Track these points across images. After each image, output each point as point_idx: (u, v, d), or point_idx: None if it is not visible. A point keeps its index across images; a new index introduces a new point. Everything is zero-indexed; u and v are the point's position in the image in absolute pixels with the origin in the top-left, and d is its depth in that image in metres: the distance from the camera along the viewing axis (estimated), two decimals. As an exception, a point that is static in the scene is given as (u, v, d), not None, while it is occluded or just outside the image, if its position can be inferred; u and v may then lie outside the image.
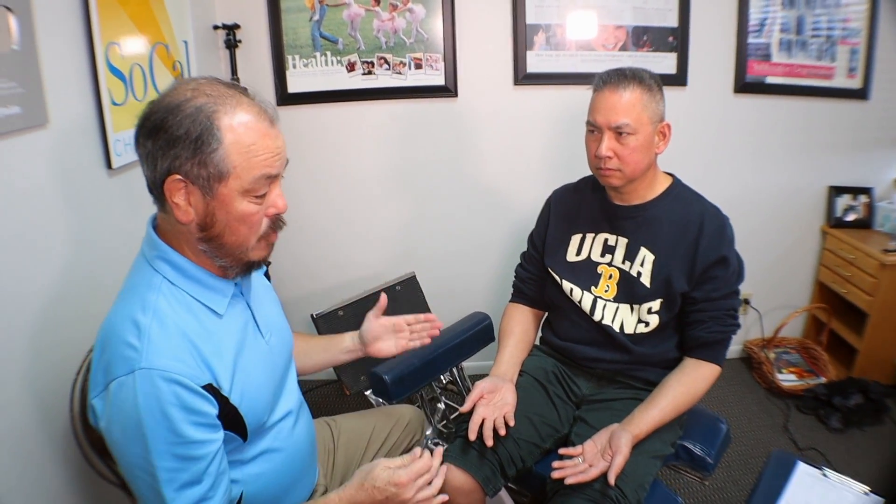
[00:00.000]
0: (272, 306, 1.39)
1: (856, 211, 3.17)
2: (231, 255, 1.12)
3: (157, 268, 1.11)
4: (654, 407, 1.59)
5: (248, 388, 1.16)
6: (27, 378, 1.38)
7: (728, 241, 1.67)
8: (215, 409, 1.07)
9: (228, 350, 1.14)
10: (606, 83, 1.63)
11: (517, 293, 1.99)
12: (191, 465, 1.04)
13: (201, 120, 1.01)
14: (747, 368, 3.31)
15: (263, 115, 1.08)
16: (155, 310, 1.05)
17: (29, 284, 1.38)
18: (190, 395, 1.02)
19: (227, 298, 1.17)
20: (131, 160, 1.81)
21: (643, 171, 1.67)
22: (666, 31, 2.86)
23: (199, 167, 1.02)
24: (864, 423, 2.78)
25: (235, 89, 1.07)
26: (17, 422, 1.34)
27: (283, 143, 1.11)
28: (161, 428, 1.01)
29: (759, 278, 3.23)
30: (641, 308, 1.70)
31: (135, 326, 1.03)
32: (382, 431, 1.72)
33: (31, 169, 1.40)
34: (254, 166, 1.05)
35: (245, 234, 1.10)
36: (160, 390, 0.99)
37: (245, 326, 1.22)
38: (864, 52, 2.98)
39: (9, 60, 1.31)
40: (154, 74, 1.96)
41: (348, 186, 2.98)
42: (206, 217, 1.06)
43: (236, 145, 1.03)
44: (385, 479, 1.16)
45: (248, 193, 1.06)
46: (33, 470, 1.39)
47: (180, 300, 1.10)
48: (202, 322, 1.11)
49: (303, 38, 2.77)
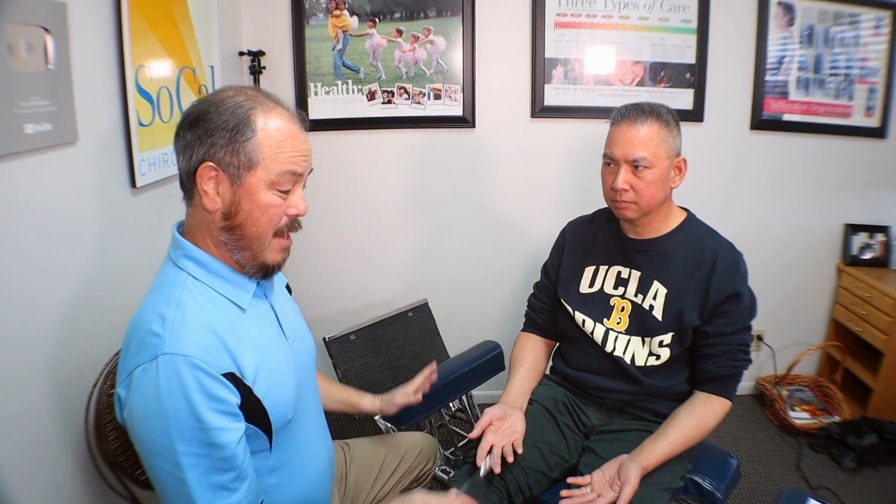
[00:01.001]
0: (296, 315, 1.42)
1: (872, 249, 3.16)
2: (249, 248, 1.16)
3: (181, 266, 1.16)
4: (664, 439, 1.59)
5: (273, 382, 1.18)
6: (46, 390, 1.40)
7: (741, 277, 1.67)
8: (237, 399, 1.09)
9: (253, 342, 1.17)
10: (625, 117, 1.65)
11: (529, 322, 2.00)
12: (213, 451, 1.06)
13: (239, 113, 1.11)
14: (759, 405, 3.28)
15: (294, 119, 1.17)
16: (179, 303, 1.10)
17: (51, 297, 1.41)
18: (211, 380, 1.05)
19: (249, 294, 1.21)
20: (155, 179, 1.85)
21: (658, 205, 1.69)
22: (684, 67, 2.90)
23: (231, 155, 1.10)
24: (878, 464, 2.74)
25: (271, 98, 1.17)
26: (35, 433, 1.36)
27: (310, 149, 1.19)
28: (183, 413, 1.03)
29: (773, 315, 3.21)
30: (653, 341, 1.71)
31: (159, 317, 1.07)
32: (395, 458, 1.72)
33: (59, 185, 1.43)
34: (281, 161, 1.12)
35: (264, 226, 1.15)
36: (182, 375, 1.02)
37: (269, 324, 1.26)
38: (882, 90, 3.00)
39: (44, 79, 1.35)
40: (181, 97, 2.01)
41: (364, 213, 3.01)
42: (232, 206, 1.13)
43: (267, 140, 1.12)
44: None
45: (273, 186, 1.13)
46: (47, 481, 1.40)
47: (205, 295, 1.15)
48: (227, 315, 1.16)
49: (325, 66, 2.83)
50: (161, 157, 1.88)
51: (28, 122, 1.29)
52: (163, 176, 1.90)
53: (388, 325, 2.59)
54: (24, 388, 1.32)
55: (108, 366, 1.48)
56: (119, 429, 1.46)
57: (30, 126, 1.29)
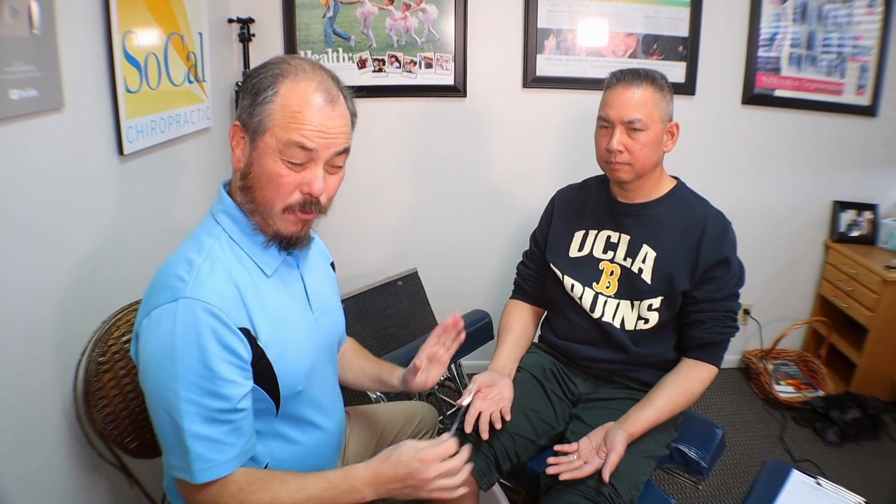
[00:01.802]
0: (330, 292, 1.43)
1: (860, 227, 3.18)
2: (259, 213, 1.17)
3: (219, 220, 1.19)
4: (650, 407, 1.61)
5: (286, 349, 1.19)
6: (33, 360, 1.39)
7: (731, 244, 1.69)
8: (248, 355, 1.11)
9: (272, 307, 1.18)
10: (620, 80, 1.67)
11: (518, 290, 2.01)
12: (215, 401, 1.07)
13: (268, 78, 1.12)
14: (745, 379, 3.32)
15: (324, 92, 1.13)
16: (209, 252, 1.13)
17: (37, 265, 1.39)
18: (227, 331, 1.07)
19: (277, 262, 1.22)
20: (143, 147, 1.83)
21: (651, 168, 1.70)
22: (676, 40, 2.88)
23: (250, 116, 1.12)
24: (860, 438, 2.79)
25: (320, 71, 1.16)
26: (23, 402, 1.35)
27: (337, 127, 1.15)
28: (193, 359, 1.04)
29: (761, 289, 3.25)
30: (642, 305, 1.72)
31: (187, 263, 1.10)
32: (395, 427, 1.73)
33: (45, 152, 1.41)
34: (291, 131, 1.10)
35: (271, 196, 1.14)
36: (199, 321, 1.04)
37: (294, 293, 1.27)
38: (874, 69, 3.00)
39: (29, 44, 1.32)
40: (169, 64, 1.98)
41: (355, 182, 2.98)
42: (248, 166, 1.15)
43: (283, 107, 1.10)
44: (410, 454, 1.15)
45: (280, 154, 1.11)
46: (35, 451, 1.39)
47: (235, 252, 1.17)
48: (252, 276, 1.17)
49: (315, 33, 2.80)
50: (149, 124, 1.86)
51: (13, 88, 1.26)
52: (151, 143, 1.88)
53: (377, 293, 2.60)
54: (10, 358, 1.31)
55: (97, 334, 1.48)
56: (108, 397, 1.46)
57: (14, 92, 1.27)
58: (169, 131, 2.00)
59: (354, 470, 1.16)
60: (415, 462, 1.14)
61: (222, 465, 1.10)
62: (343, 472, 1.17)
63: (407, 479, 1.14)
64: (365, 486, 1.15)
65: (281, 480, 1.15)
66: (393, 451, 1.18)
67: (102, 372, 1.45)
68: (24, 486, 1.35)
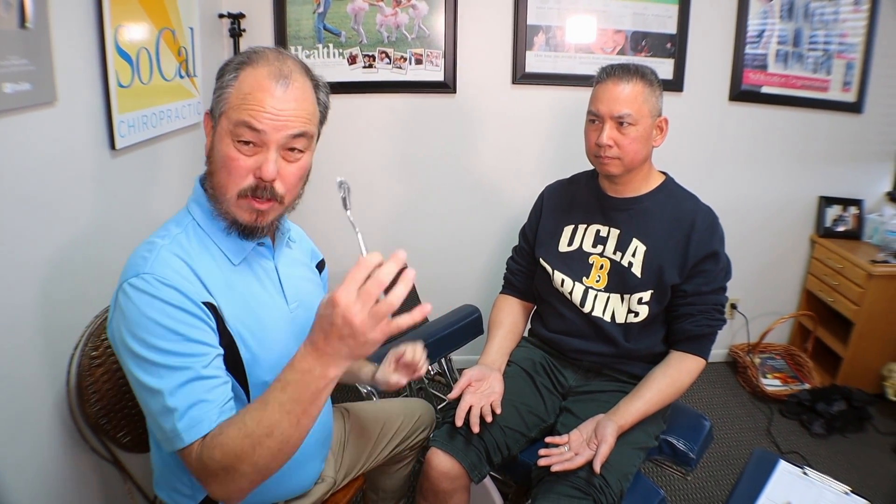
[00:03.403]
0: (311, 289, 1.42)
1: (845, 222, 3.21)
2: (217, 199, 1.17)
3: (189, 209, 1.22)
4: (640, 398, 1.62)
5: (254, 332, 1.20)
6: (26, 354, 1.39)
7: (719, 238, 1.71)
8: (213, 323, 1.13)
9: (240, 291, 1.20)
10: (610, 75, 1.68)
11: (507, 285, 2.02)
12: (189, 361, 1.07)
13: (232, 65, 1.15)
14: (732, 372, 3.36)
15: (278, 75, 1.13)
16: (173, 238, 1.16)
17: (29, 259, 1.40)
18: (188, 301, 1.09)
19: (244, 251, 1.23)
20: (135, 141, 1.83)
21: (641, 162, 1.72)
22: (665, 37, 2.91)
23: (215, 102, 1.16)
24: (846, 430, 2.83)
25: (285, 58, 1.16)
26: (15, 396, 1.35)
27: (287, 110, 1.12)
28: (157, 325, 1.05)
29: (748, 284, 3.27)
30: (632, 298, 1.73)
31: (151, 245, 1.13)
32: (393, 424, 1.73)
33: (37, 145, 1.41)
34: (241, 111, 1.11)
35: (224, 180, 1.15)
36: (161, 292, 1.07)
37: (265, 281, 1.28)
38: (859, 66, 3.03)
39: (22, 38, 1.32)
40: (160, 59, 1.98)
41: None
42: (211, 151, 1.18)
43: (238, 90, 1.13)
44: (322, 304, 1.01)
45: (231, 136, 1.12)
46: (28, 445, 1.39)
47: (202, 241, 1.19)
48: (218, 264, 1.19)
49: (306, 29, 2.80)
50: (141, 118, 1.86)
51: (6, 82, 1.26)
52: (143, 138, 1.88)
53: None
54: (3, 353, 1.31)
55: (90, 328, 1.48)
56: (100, 391, 1.46)
57: (7, 85, 1.27)
58: (161, 126, 2.00)
59: (294, 357, 1.03)
60: (329, 307, 0.96)
61: (207, 419, 1.06)
62: (286, 366, 1.04)
63: (340, 328, 0.96)
64: (313, 363, 1.00)
65: (244, 409, 1.07)
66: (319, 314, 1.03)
67: (95, 367, 1.45)
68: (17, 481, 1.35)
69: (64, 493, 1.53)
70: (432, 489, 1.62)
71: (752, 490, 1.50)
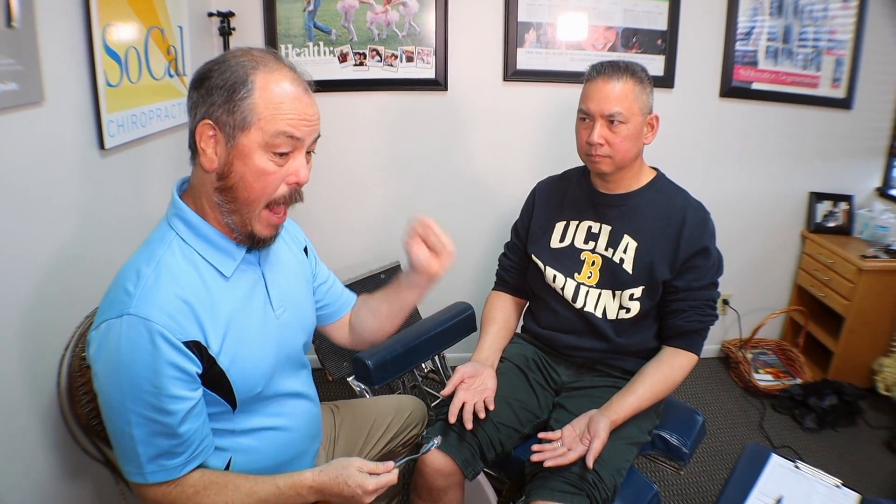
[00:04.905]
0: (297, 283, 1.41)
1: (835, 217, 3.23)
2: (239, 213, 1.15)
3: (172, 225, 1.17)
4: (632, 394, 1.63)
5: (241, 354, 1.18)
6: (16, 356, 1.38)
7: (710, 233, 1.71)
8: (197, 368, 1.11)
9: (224, 312, 1.17)
10: (600, 73, 1.68)
11: (500, 281, 2.03)
12: (161, 417, 1.08)
13: (240, 73, 1.09)
14: (725, 367, 3.37)
15: (300, 81, 1.14)
16: (158, 262, 1.11)
17: (19, 260, 1.39)
18: (171, 349, 1.06)
19: (236, 262, 1.21)
20: (124, 141, 1.82)
21: (632, 160, 1.72)
22: (655, 33, 2.91)
23: (227, 114, 1.09)
24: (838, 424, 2.85)
25: (279, 59, 1.15)
26: (5, 397, 1.35)
27: (315, 113, 1.16)
28: (138, 376, 1.05)
29: (739, 279, 3.29)
30: (623, 294, 1.74)
31: (135, 275, 1.09)
32: (384, 421, 1.73)
33: (25, 145, 1.40)
34: (278, 122, 1.10)
35: (258, 193, 1.13)
36: (143, 338, 1.04)
37: (252, 294, 1.25)
38: (849, 62, 3.04)
39: (9, 37, 1.31)
40: (149, 58, 1.97)
41: (336, 175, 3.00)
42: (225, 166, 1.12)
43: (265, 99, 1.09)
44: (357, 481, 1.18)
45: (267, 148, 1.10)
46: (19, 446, 1.39)
47: (188, 257, 1.15)
48: (206, 282, 1.15)
49: (296, 27, 2.79)
50: (130, 118, 1.85)
51: (-7, 81, 1.26)
52: (132, 138, 1.87)
53: (360, 287, 2.59)
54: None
55: (80, 329, 1.47)
56: (91, 392, 1.45)
57: (-6, 85, 1.27)
58: (150, 125, 1.99)
59: (303, 479, 1.20)
60: (358, 489, 1.18)
61: (175, 468, 1.12)
62: (292, 480, 1.20)
63: (349, 498, 1.19)
64: (310, 494, 1.20)
65: (234, 486, 1.17)
66: (343, 470, 1.20)
67: (86, 367, 1.44)
68: (7, 482, 1.35)
69: (55, 494, 1.52)
70: (426, 486, 1.62)
71: (745, 484, 1.51)
